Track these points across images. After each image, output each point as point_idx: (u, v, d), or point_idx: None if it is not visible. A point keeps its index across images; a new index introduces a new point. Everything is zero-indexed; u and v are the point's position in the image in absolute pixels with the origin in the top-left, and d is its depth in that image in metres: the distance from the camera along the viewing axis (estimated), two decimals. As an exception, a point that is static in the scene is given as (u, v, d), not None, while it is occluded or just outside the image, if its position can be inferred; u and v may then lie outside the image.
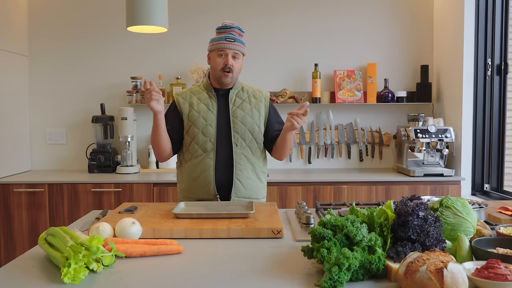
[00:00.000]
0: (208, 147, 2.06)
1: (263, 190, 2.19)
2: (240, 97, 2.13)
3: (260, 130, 2.13)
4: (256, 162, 2.13)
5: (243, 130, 2.08)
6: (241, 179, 2.07)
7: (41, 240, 1.34)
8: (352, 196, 3.18)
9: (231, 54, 2.03)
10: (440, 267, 0.99)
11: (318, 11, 3.68)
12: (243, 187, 2.08)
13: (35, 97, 3.67)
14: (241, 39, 2.08)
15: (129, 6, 2.08)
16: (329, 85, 3.71)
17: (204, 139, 2.07)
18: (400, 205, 1.23)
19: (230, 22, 2.08)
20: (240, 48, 2.05)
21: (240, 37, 2.07)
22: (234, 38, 2.04)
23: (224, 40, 2.03)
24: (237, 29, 2.06)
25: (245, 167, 2.08)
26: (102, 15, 3.66)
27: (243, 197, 2.09)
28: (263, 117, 2.14)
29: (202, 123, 2.07)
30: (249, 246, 1.43)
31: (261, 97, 2.16)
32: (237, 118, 2.08)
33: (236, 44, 2.04)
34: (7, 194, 3.11)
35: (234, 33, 2.05)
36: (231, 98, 2.11)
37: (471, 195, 3.30)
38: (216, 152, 2.06)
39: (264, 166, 2.19)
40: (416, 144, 3.25)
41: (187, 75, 3.60)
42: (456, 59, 3.34)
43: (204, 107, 2.10)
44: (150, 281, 1.14)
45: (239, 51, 2.05)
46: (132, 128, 3.45)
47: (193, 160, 2.09)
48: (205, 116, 2.08)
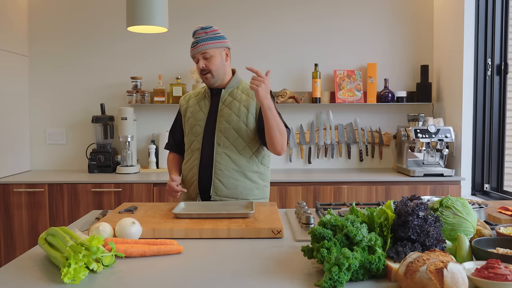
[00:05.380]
0: (195, 146, 2.09)
1: (257, 191, 2.09)
2: (232, 95, 2.10)
3: (249, 128, 2.04)
4: (243, 161, 2.05)
5: (227, 129, 2.04)
6: (222, 178, 2.03)
7: (41, 240, 1.34)
8: (352, 196, 3.18)
9: (200, 57, 2.03)
10: (440, 267, 0.99)
11: (318, 11, 3.68)
12: (224, 187, 2.03)
13: (35, 97, 3.67)
14: (208, 36, 2.03)
15: (129, 6, 2.09)
16: (329, 85, 3.71)
17: (193, 139, 2.10)
18: (400, 205, 1.23)
19: (198, 26, 2.06)
20: (205, 47, 2.01)
21: (205, 35, 2.03)
22: (198, 40, 2.03)
23: (191, 47, 2.06)
24: (199, 30, 2.05)
25: (226, 166, 2.03)
26: (102, 15, 3.66)
27: (226, 196, 2.03)
28: (253, 115, 2.05)
29: (192, 123, 2.12)
30: (249, 246, 1.43)
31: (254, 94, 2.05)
32: (223, 117, 2.05)
33: (199, 45, 2.02)
34: (7, 194, 3.11)
35: (198, 35, 2.04)
36: (222, 97, 2.10)
37: (471, 195, 3.30)
38: (202, 151, 2.06)
39: (260, 166, 2.10)
40: (416, 144, 3.25)
41: (187, 75, 3.60)
42: (456, 59, 3.34)
43: (197, 108, 2.12)
44: (150, 281, 1.14)
45: (206, 50, 2.02)
46: (132, 128, 3.45)
47: (185, 159, 2.16)
48: (196, 117, 2.11)
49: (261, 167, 2.12)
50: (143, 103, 3.53)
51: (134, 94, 3.52)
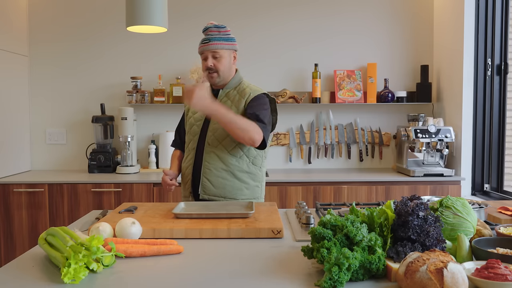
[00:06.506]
0: (191, 146, 2.13)
1: (247, 191, 2.09)
2: (228, 95, 2.11)
3: None
4: (233, 161, 2.05)
5: (217, 129, 2.05)
6: (210, 177, 2.05)
7: (41, 240, 1.34)
8: (352, 196, 3.18)
9: (210, 55, 2.04)
10: (440, 267, 0.99)
11: (318, 11, 3.68)
12: (212, 186, 2.05)
13: (35, 97, 3.67)
14: (220, 36, 2.04)
15: (129, 6, 2.08)
16: (329, 85, 3.71)
17: (190, 138, 2.14)
18: (400, 205, 1.23)
19: (210, 22, 2.07)
20: (217, 46, 2.02)
21: (218, 34, 2.04)
22: (210, 38, 2.03)
23: (201, 43, 2.07)
24: (213, 28, 2.05)
25: (214, 165, 2.04)
26: (102, 15, 3.65)
27: (214, 195, 2.05)
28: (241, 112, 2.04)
29: (190, 123, 2.16)
30: (249, 246, 1.43)
31: (245, 94, 2.06)
32: None
33: (211, 44, 2.02)
34: (7, 194, 3.11)
35: (211, 32, 2.04)
36: (219, 97, 2.11)
37: (471, 195, 3.30)
38: (196, 151, 2.10)
39: (251, 166, 2.09)
40: (416, 144, 3.25)
41: (187, 75, 3.59)
42: (456, 59, 3.34)
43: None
44: (150, 281, 1.14)
45: (217, 49, 2.03)
46: (132, 128, 3.45)
47: (184, 157, 2.21)
48: (195, 117, 2.15)
49: (252, 167, 2.10)
50: (143, 103, 3.53)
51: (134, 94, 3.52)
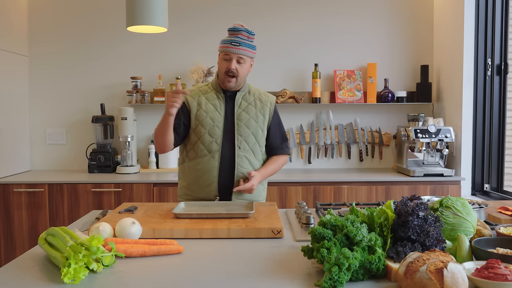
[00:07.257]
0: (213, 148, 2.07)
1: (263, 193, 2.22)
2: (246, 99, 2.13)
3: (264, 133, 2.14)
4: (258, 165, 2.14)
5: (247, 134, 2.09)
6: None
7: (41, 240, 1.34)
8: (352, 196, 3.18)
9: (235, 59, 2.02)
10: (440, 267, 0.99)
11: (318, 12, 3.68)
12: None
13: (35, 97, 3.67)
14: (249, 42, 2.05)
15: (129, 6, 2.08)
16: (329, 85, 3.71)
17: (210, 140, 2.07)
18: (400, 205, 1.23)
19: (240, 24, 2.04)
20: (245, 52, 2.03)
21: (248, 40, 2.04)
22: (240, 42, 2.01)
23: (230, 43, 2.01)
24: (245, 32, 2.03)
25: (247, 170, 2.09)
26: (102, 15, 3.65)
27: (244, 199, 2.11)
28: (267, 121, 2.15)
29: (209, 124, 2.07)
30: (249, 246, 1.43)
31: (267, 101, 2.17)
32: (242, 121, 2.08)
33: (241, 49, 2.01)
34: (7, 194, 3.11)
35: (242, 36, 2.02)
36: (237, 101, 2.11)
37: (471, 195, 3.30)
38: (221, 153, 2.07)
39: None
40: (416, 144, 3.25)
41: (187, 75, 3.60)
42: (456, 59, 3.34)
43: (211, 108, 2.09)
44: (150, 281, 1.14)
45: (244, 55, 2.02)
46: (132, 128, 3.45)
47: (197, 159, 2.09)
48: (213, 117, 2.08)
49: None
50: (143, 103, 3.53)
51: (134, 94, 3.52)
